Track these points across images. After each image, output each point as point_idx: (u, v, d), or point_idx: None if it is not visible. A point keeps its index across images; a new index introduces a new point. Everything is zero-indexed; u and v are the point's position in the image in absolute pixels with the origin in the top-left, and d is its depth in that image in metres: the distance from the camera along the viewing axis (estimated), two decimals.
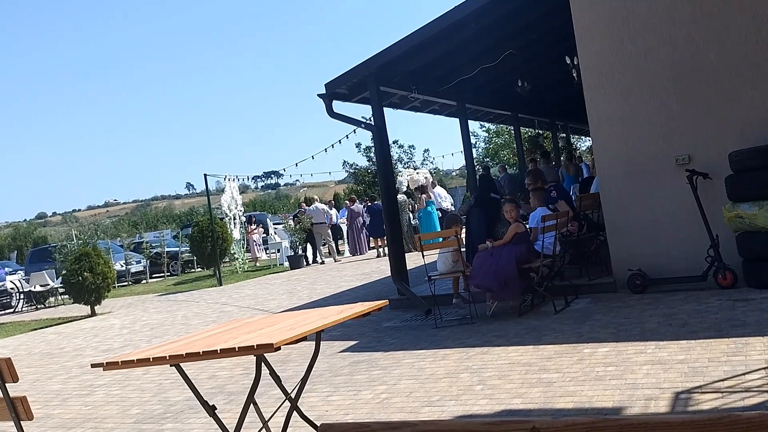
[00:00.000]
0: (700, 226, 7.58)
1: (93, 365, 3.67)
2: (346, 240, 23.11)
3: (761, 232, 7.06)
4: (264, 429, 3.99)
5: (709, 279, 7.48)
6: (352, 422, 0.97)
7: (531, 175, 10.01)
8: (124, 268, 23.00)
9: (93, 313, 15.13)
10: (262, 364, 3.76)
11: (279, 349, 3.28)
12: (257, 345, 3.32)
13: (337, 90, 10.28)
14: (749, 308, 6.41)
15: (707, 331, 5.83)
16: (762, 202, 7.03)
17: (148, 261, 24.08)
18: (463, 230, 10.33)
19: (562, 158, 20.34)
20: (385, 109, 10.59)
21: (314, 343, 4.15)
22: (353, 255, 21.71)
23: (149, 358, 3.55)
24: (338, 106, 10.37)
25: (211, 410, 3.67)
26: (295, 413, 4.02)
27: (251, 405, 3.78)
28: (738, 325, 5.85)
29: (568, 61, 10.96)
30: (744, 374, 4.53)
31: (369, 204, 22.09)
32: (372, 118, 10.58)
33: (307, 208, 22.14)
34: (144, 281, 23.65)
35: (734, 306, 6.60)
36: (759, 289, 7.10)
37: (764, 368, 4.58)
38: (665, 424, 0.94)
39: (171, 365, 3.59)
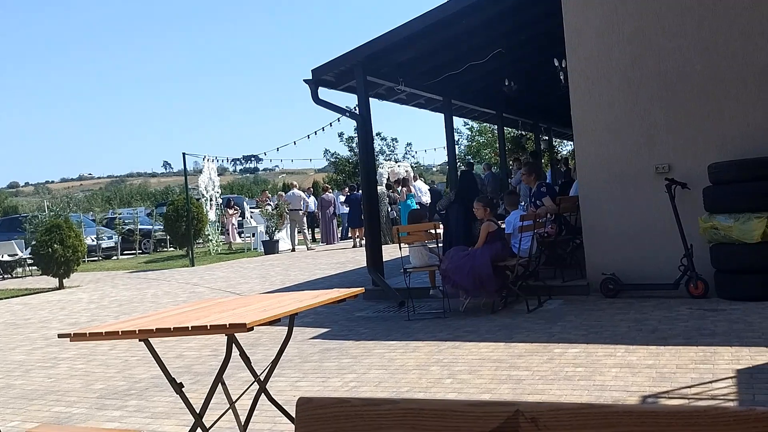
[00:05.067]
0: (675, 234, 7.65)
1: (60, 335, 3.60)
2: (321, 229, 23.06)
3: (735, 244, 7.13)
4: (231, 410, 3.95)
5: (681, 288, 7.56)
6: (332, 397, 0.95)
7: (528, 166, 10.06)
8: (95, 243, 22.72)
9: (61, 286, 14.92)
10: (233, 344, 3.71)
11: (252, 329, 3.24)
12: (230, 324, 3.27)
13: (323, 77, 10.20)
14: (719, 318, 6.48)
15: (676, 338, 5.88)
16: (738, 215, 7.11)
17: (120, 237, 23.80)
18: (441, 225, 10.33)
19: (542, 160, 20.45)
20: (370, 99, 10.55)
21: (286, 327, 4.11)
22: (326, 244, 21.66)
23: (118, 332, 3.49)
24: (324, 93, 10.31)
25: (178, 387, 3.62)
26: (263, 396, 3.98)
27: (219, 385, 3.73)
28: (707, 335, 5.91)
29: (557, 64, 10.99)
30: (711, 382, 4.57)
31: (348, 194, 22.01)
32: (357, 108, 10.53)
33: (283, 194, 22.01)
34: (115, 257, 23.40)
35: (704, 315, 6.67)
36: (729, 300, 7.19)
37: (731, 377, 4.63)
38: (651, 414, 0.92)
39: (140, 340, 3.53)
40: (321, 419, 1.04)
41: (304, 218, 21.47)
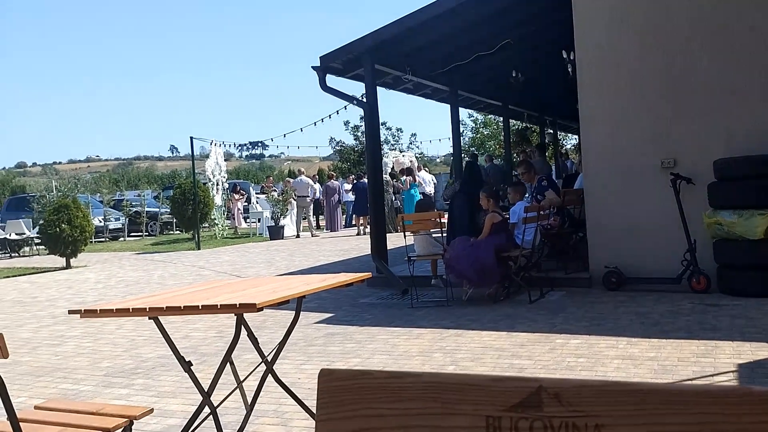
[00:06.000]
0: (679, 229, 7.68)
1: (70, 311, 3.65)
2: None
3: (738, 240, 7.17)
4: (238, 389, 4.01)
5: (684, 282, 7.60)
6: (354, 369, 1.00)
7: (524, 165, 10.07)
8: (102, 224, 22.83)
9: (68, 266, 15.01)
10: (242, 325, 3.77)
11: (261, 309, 3.28)
12: (240, 304, 3.32)
13: (331, 64, 10.20)
14: (720, 313, 6.53)
15: (678, 331, 5.93)
16: (742, 211, 7.14)
17: (127, 219, 23.91)
18: (446, 215, 10.38)
19: (546, 154, 20.46)
20: (377, 88, 10.55)
21: (292, 311, 4.16)
22: (330, 231, 21.74)
23: (129, 309, 3.54)
24: (331, 80, 10.31)
25: (187, 366, 3.68)
26: (268, 377, 4.04)
27: (227, 364, 3.79)
28: (708, 329, 5.96)
29: (565, 56, 10.99)
30: (712, 375, 4.63)
31: (354, 182, 22.06)
32: (364, 96, 10.54)
33: (290, 180, 22.10)
34: (122, 239, 23.50)
35: (706, 310, 6.72)
36: (731, 295, 7.23)
37: (732, 371, 4.69)
38: (677, 392, 0.95)
39: (150, 318, 3.58)
40: (343, 391, 1.09)
41: (311, 205, 21.55)
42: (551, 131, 24.73)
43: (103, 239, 22.85)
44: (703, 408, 0.98)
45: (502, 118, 20.07)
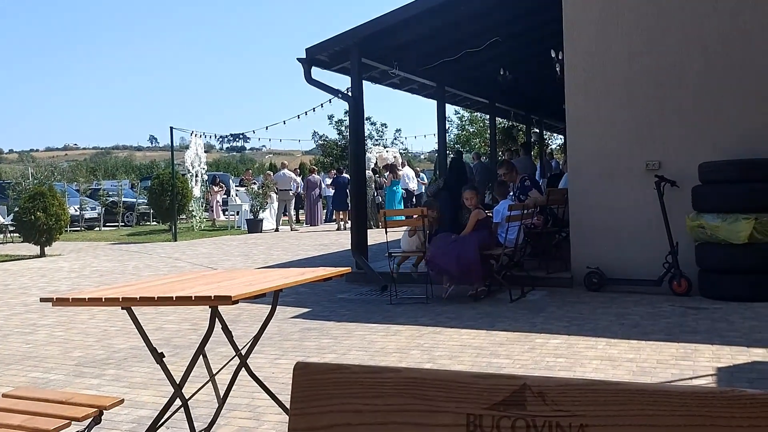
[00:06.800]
0: (661, 231, 7.67)
1: (42, 299, 3.54)
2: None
3: (721, 244, 7.16)
4: (210, 382, 3.92)
5: (664, 285, 7.59)
6: (330, 363, 0.92)
7: (505, 165, 10.04)
8: (78, 213, 22.52)
9: (42, 254, 14.77)
10: (216, 318, 3.67)
11: (237, 302, 3.19)
12: (214, 296, 3.23)
13: (317, 56, 10.10)
14: (700, 316, 6.52)
15: (658, 333, 5.91)
16: (725, 215, 7.13)
17: (104, 209, 23.62)
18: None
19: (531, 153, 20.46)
20: (363, 82, 10.46)
21: (268, 305, 4.07)
22: (310, 225, 21.63)
23: (101, 298, 3.44)
24: (317, 73, 10.21)
25: (159, 357, 3.58)
26: (242, 371, 3.95)
27: (200, 357, 3.70)
28: (688, 332, 5.94)
29: (554, 55, 10.96)
30: (691, 378, 4.60)
31: (335, 176, 21.96)
32: (350, 90, 10.45)
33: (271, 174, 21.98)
34: (97, 228, 23.21)
35: (686, 313, 6.71)
36: (712, 299, 7.23)
37: (711, 375, 4.66)
38: (663, 393, 0.90)
39: (123, 308, 3.49)
40: (318, 385, 1.01)
41: (293, 199, 21.44)
42: (537, 130, 24.77)
43: (78, 228, 22.55)
44: (690, 410, 0.94)
45: (488, 116, 20.02)
